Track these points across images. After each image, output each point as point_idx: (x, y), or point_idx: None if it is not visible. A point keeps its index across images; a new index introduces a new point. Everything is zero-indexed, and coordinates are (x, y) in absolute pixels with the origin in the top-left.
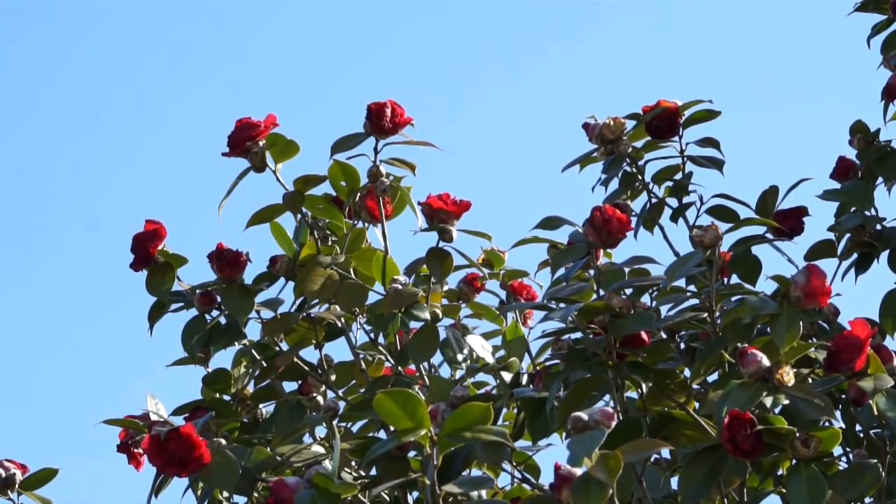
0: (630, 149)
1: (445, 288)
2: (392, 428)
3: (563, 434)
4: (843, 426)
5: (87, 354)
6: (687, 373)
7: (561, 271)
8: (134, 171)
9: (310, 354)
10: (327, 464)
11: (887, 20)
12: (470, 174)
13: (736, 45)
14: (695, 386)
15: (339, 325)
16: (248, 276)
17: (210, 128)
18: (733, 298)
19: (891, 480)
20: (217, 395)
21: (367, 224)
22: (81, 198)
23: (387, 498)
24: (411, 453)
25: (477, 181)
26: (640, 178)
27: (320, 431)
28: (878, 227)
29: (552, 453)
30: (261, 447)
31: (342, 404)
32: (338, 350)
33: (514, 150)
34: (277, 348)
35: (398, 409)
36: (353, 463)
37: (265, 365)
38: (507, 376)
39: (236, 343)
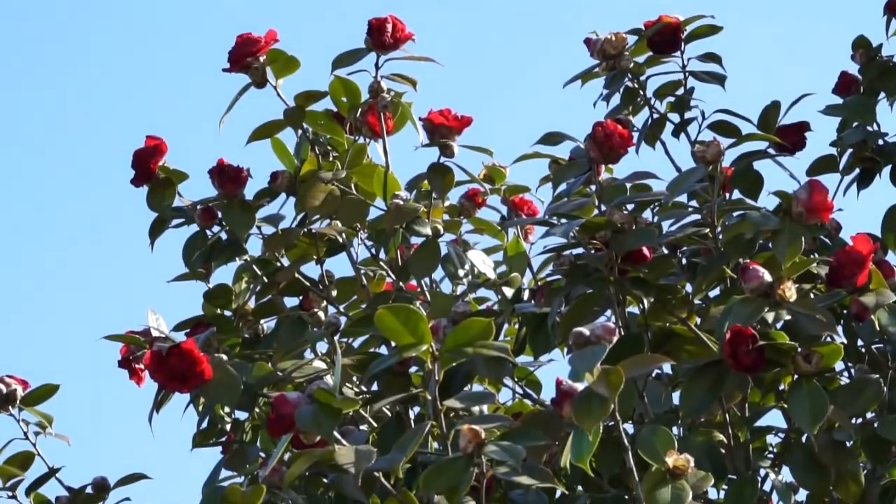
0: (632, 64)
1: (447, 203)
2: (393, 343)
3: (565, 349)
4: (845, 341)
5: (89, 271)
6: (688, 288)
7: (562, 187)
8: (135, 87)
9: (311, 270)
10: (328, 379)
11: None
12: (471, 90)
13: None
14: (696, 301)
15: (341, 240)
16: (249, 192)
17: (211, 44)
18: (735, 214)
19: (892, 395)
20: (218, 310)
21: (368, 140)
22: (82, 116)
23: (388, 413)
24: (412, 369)
25: (478, 97)
26: (641, 93)
27: (321, 347)
28: (881, 142)
29: (553, 369)
30: (262, 363)
31: (343, 320)
32: (339, 265)
33: (515, 65)
34: (278, 264)
35: (399, 324)
36: (355, 378)
37: (266, 280)
38: (508, 292)
39: (237, 259)
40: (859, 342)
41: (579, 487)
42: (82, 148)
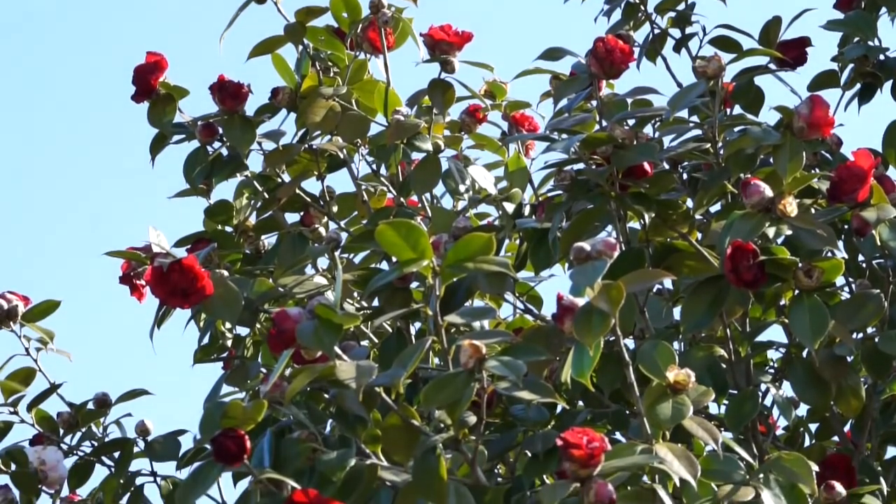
0: None
1: (447, 119)
2: (394, 259)
3: (566, 265)
4: (846, 256)
5: (91, 187)
6: (689, 203)
7: (563, 102)
8: (136, 2)
9: (312, 186)
10: (329, 294)
11: None
12: (471, 5)
13: None
14: (697, 216)
15: (341, 156)
16: (250, 108)
17: None
18: (736, 129)
19: (893, 310)
20: (219, 226)
21: (368, 55)
22: (83, 33)
23: (389, 329)
24: (413, 284)
25: (479, 13)
26: (642, 8)
27: (322, 262)
28: (882, 57)
29: (554, 284)
30: (263, 278)
31: (344, 235)
32: (340, 181)
33: None
34: (279, 180)
35: (400, 239)
36: (356, 294)
37: (267, 196)
38: (509, 207)
39: (238, 174)
40: (860, 257)
41: (580, 402)
42: (83, 65)
